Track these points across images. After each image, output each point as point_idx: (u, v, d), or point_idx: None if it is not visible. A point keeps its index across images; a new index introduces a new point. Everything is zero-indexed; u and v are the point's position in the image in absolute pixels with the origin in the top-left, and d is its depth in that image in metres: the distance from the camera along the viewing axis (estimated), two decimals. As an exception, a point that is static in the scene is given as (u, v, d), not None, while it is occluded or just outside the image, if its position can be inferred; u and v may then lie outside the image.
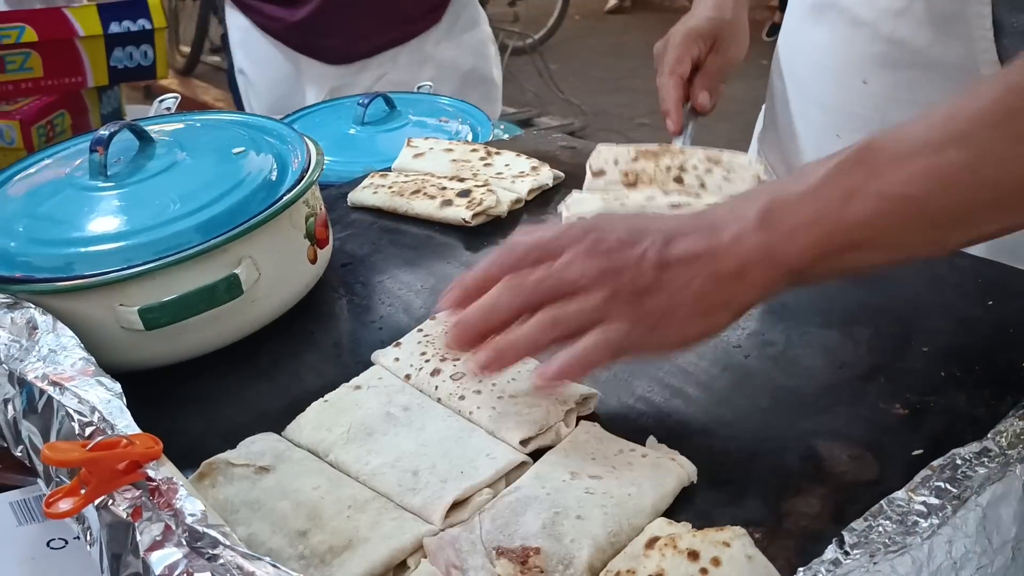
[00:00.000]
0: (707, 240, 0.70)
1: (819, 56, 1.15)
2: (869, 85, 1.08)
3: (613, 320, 0.69)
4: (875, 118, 1.08)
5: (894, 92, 1.07)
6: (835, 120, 1.14)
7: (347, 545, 0.63)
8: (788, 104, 1.25)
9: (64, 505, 0.60)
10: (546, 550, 0.60)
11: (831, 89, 1.14)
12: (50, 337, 0.75)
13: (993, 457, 0.66)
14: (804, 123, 1.20)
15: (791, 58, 1.24)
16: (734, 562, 0.59)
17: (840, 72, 1.11)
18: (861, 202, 0.67)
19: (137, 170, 0.88)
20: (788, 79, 1.25)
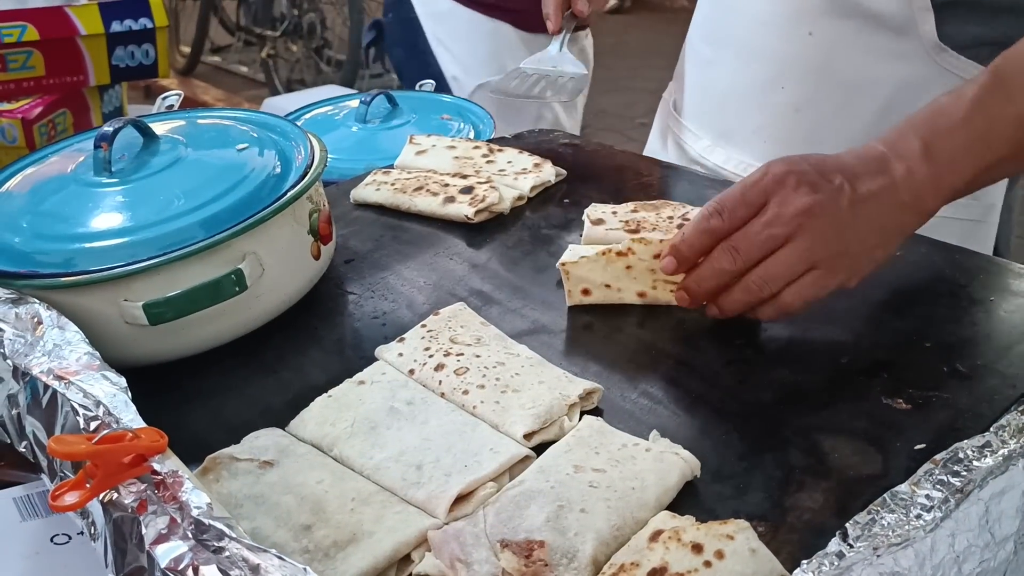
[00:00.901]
0: (883, 178, 0.83)
1: (759, 11, 1.17)
2: (814, 36, 1.12)
3: (814, 268, 0.81)
4: (820, 67, 1.13)
5: (837, 41, 1.11)
6: (778, 72, 1.17)
7: (351, 539, 0.63)
8: (717, 64, 1.26)
9: (70, 498, 0.60)
10: (550, 543, 0.61)
11: (775, 44, 1.16)
12: (55, 332, 0.75)
13: (995, 451, 0.66)
14: (743, 80, 1.21)
15: (723, 16, 1.25)
16: (738, 555, 0.59)
17: (784, 26, 1.14)
18: (1003, 126, 0.83)
19: (141, 166, 0.89)
20: (718, 39, 1.26)
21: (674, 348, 0.84)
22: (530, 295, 0.93)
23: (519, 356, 0.80)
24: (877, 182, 0.83)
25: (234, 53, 5.81)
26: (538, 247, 1.02)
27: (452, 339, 0.81)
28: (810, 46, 1.12)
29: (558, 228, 1.06)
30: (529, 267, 0.98)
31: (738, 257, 0.82)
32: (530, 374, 0.77)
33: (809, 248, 0.81)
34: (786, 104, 1.17)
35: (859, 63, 1.10)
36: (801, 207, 0.80)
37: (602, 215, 1.02)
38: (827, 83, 1.13)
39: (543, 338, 0.86)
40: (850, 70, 1.11)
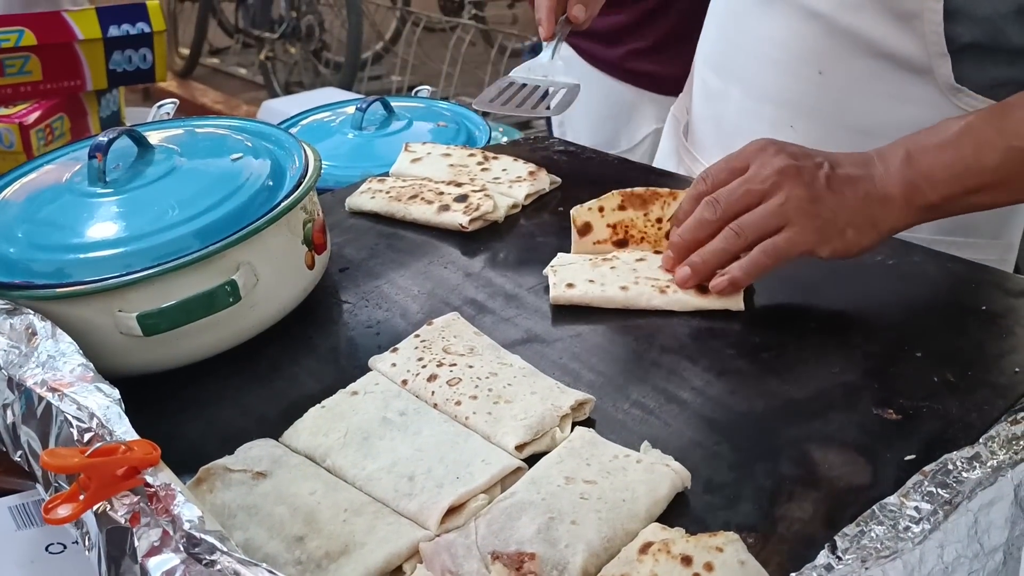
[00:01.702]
0: (863, 169, 0.89)
1: (768, 49, 1.15)
2: (825, 76, 1.10)
3: (787, 225, 0.87)
4: (831, 108, 1.11)
5: (849, 82, 1.09)
6: (789, 113, 1.14)
7: (343, 550, 0.63)
8: (726, 98, 1.23)
9: (63, 511, 0.60)
10: (541, 555, 0.61)
11: (784, 82, 1.14)
12: (49, 343, 0.75)
13: (985, 462, 0.66)
14: (752, 117, 1.19)
15: (730, 50, 1.22)
16: (727, 567, 0.59)
17: (794, 64, 1.12)
18: (991, 152, 0.86)
19: (136, 176, 0.89)
20: (726, 71, 1.23)
21: (666, 358, 0.85)
22: (524, 304, 0.94)
23: (512, 366, 0.80)
24: (855, 171, 0.90)
25: (232, 55, 5.82)
26: (533, 256, 1.02)
27: (445, 349, 0.82)
28: (821, 86, 1.10)
29: (553, 236, 1.07)
30: (523, 276, 0.99)
31: (718, 207, 0.90)
32: (522, 385, 0.77)
33: (783, 204, 0.87)
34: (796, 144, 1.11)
35: (872, 105, 1.08)
36: (778, 167, 0.88)
37: (588, 219, 1.01)
38: (838, 124, 1.10)
39: (536, 348, 0.86)
40: (863, 111, 1.09)
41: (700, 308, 0.90)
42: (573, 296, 0.92)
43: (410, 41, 4.62)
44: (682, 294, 0.91)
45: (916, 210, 0.89)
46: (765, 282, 0.94)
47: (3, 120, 1.65)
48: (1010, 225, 1.15)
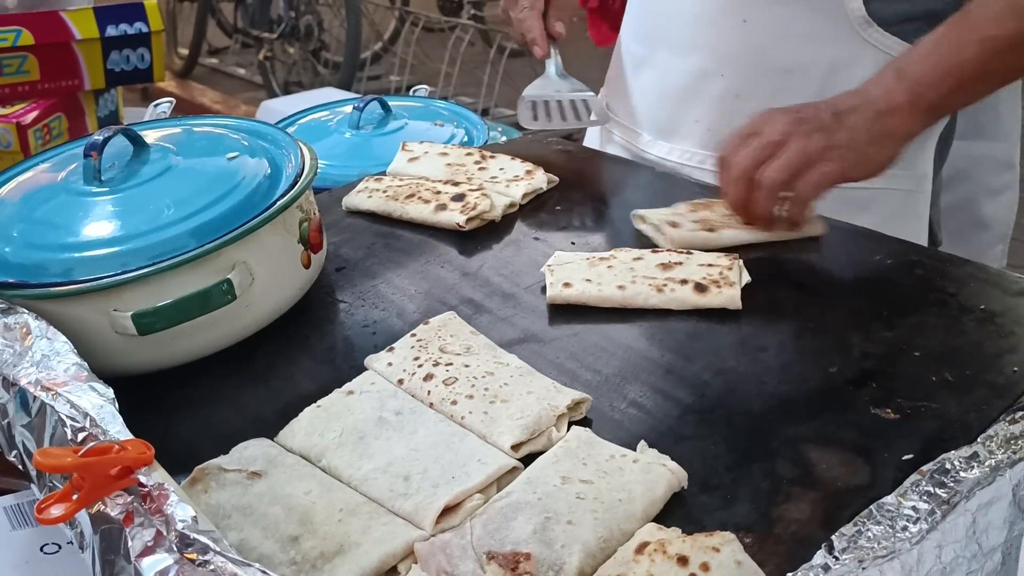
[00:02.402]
0: (860, 98, 0.99)
1: (690, 6, 1.22)
2: (749, 23, 1.17)
3: (812, 161, 0.96)
4: (756, 53, 1.19)
5: (772, 27, 1.17)
6: (717, 62, 1.22)
7: (338, 550, 0.63)
8: (652, 62, 1.30)
9: (56, 511, 0.60)
10: (536, 555, 0.61)
11: (710, 33, 1.21)
12: (43, 342, 0.75)
13: (983, 462, 0.66)
14: (680, 73, 1.26)
15: (653, 16, 1.30)
16: (723, 568, 0.59)
17: (718, 16, 1.20)
18: (968, 47, 0.97)
19: (131, 175, 0.89)
20: (651, 38, 1.30)
21: (663, 358, 0.84)
22: (521, 303, 0.93)
23: (508, 366, 0.80)
24: (854, 100, 0.99)
25: (232, 55, 5.81)
26: (530, 254, 1.02)
27: (442, 348, 0.81)
28: (746, 34, 1.18)
29: (551, 235, 1.06)
30: (520, 275, 0.98)
31: (736, 164, 0.98)
32: (519, 384, 0.77)
33: (802, 146, 0.96)
34: (726, 91, 1.22)
35: (793, 46, 1.17)
36: (787, 120, 0.98)
37: (675, 218, 1.05)
38: (764, 68, 1.19)
39: (533, 347, 0.86)
40: (785, 54, 1.17)
41: (697, 307, 0.90)
42: (570, 295, 0.91)
43: (409, 41, 4.61)
44: (679, 292, 0.91)
45: (922, 113, 0.99)
46: (762, 282, 0.94)
47: (0, 120, 1.65)
48: (921, 157, 1.21)
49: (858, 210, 1.12)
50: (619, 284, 0.92)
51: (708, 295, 0.90)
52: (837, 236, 1.04)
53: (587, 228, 1.10)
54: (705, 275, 0.92)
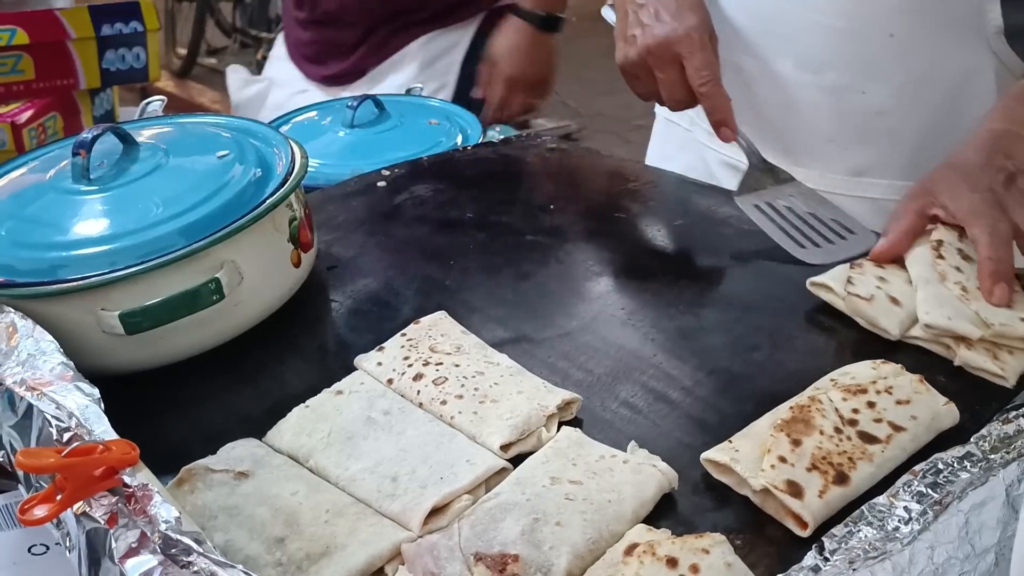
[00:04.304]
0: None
1: (823, 18, 1.14)
2: (895, 37, 1.11)
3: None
4: (899, 68, 1.13)
5: (914, 40, 1.11)
6: (855, 78, 1.15)
7: (324, 552, 0.63)
8: (769, 78, 1.22)
9: (39, 512, 0.59)
10: (524, 557, 0.60)
11: (850, 48, 1.14)
12: (29, 342, 0.74)
13: (976, 462, 0.65)
14: (810, 89, 1.19)
15: (771, 27, 1.21)
16: (713, 569, 0.58)
17: (862, 30, 1.13)
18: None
19: (120, 173, 0.88)
20: (768, 51, 1.22)
21: (656, 357, 0.84)
22: (513, 304, 0.93)
23: (499, 365, 0.79)
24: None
25: (230, 55, 5.80)
26: (522, 254, 1.02)
27: (432, 348, 0.81)
28: (892, 47, 1.12)
29: (543, 235, 1.06)
30: (512, 275, 0.98)
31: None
32: (509, 384, 0.76)
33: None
34: (868, 110, 1.15)
35: (930, 58, 1.12)
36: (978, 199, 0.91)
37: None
38: (905, 81, 1.13)
39: (524, 347, 0.85)
40: (925, 66, 1.12)
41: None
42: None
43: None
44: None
45: None
46: (759, 283, 0.93)
47: (-5, 119, 1.65)
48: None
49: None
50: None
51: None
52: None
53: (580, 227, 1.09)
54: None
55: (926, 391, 0.74)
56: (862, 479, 0.67)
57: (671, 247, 1.06)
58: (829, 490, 0.65)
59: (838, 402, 0.72)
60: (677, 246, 1.06)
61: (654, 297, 0.94)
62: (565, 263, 1.01)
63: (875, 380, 0.74)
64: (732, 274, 1.00)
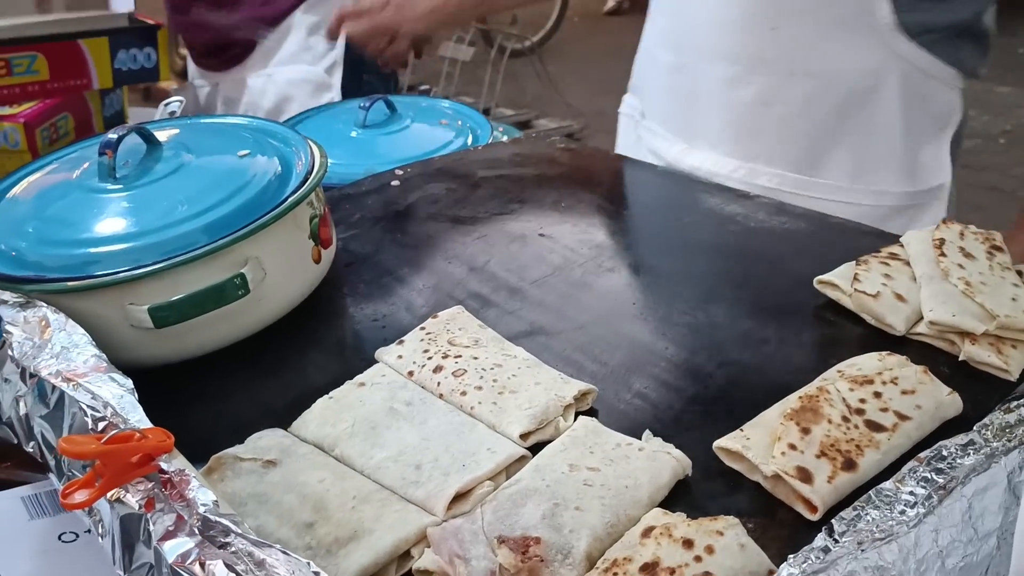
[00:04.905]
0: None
1: (720, 11, 1.23)
2: (778, 30, 1.19)
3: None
4: (785, 61, 1.20)
5: (801, 35, 1.18)
6: (745, 69, 1.23)
7: (352, 536, 0.65)
8: (682, 69, 1.32)
9: (79, 496, 0.62)
10: (546, 540, 0.62)
11: (740, 40, 1.23)
12: (62, 335, 0.76)
13: (979, 449, 0.67)
14: (709, 80, 1.27)
15: (682, 23, 1.31)
16: (727, 550, 0.61)
17: (748, 22, 1.21)
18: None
19: (145, 172, 0.90)
20: (681, 45, 1.32)
21: (667, 350, 0.86)
22: (528, 297, 0.95)
23: (516, 358, 0.81)
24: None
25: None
26: (535, 250, 1.04)
27: (450, 341, 0.83)
28: (776, 40, 1.19)
29: (554, 232, 1.08)
30: (526, 270, 1.00)
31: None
32: (526, 376, 0.79)
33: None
34: (754, 99, 1.23)
35: (821, 54, 1.18)
36: None
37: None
38: (793, 75, 1.20)
39: (540, 340, 0.88)
40: (814, 61, 1.18)
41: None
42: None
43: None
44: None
45: None
46: (766, 279, 0.95)
47: (8, 119, 1.67)
48: (942, 169, 1.25)
49: (881, 223, 1.14)
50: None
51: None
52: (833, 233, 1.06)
53: (592, 224, 1.11)
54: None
55: (930, 381, 0.76)
56: (869, 465, 0.69)
57: (680, 243, 1.08)
58: (838, 476, 0.68)
59: (845, 392, 0.74)
60: (686, 242, 1.08)
61: (665, 292, 0.97)
62: (576, 259, 1.04)
63: (881, 371, 0.77)
64: (740, 270, 1.02)
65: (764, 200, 1.14)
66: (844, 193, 1.23)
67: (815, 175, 1.23)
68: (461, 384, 0.78)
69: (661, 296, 0.96)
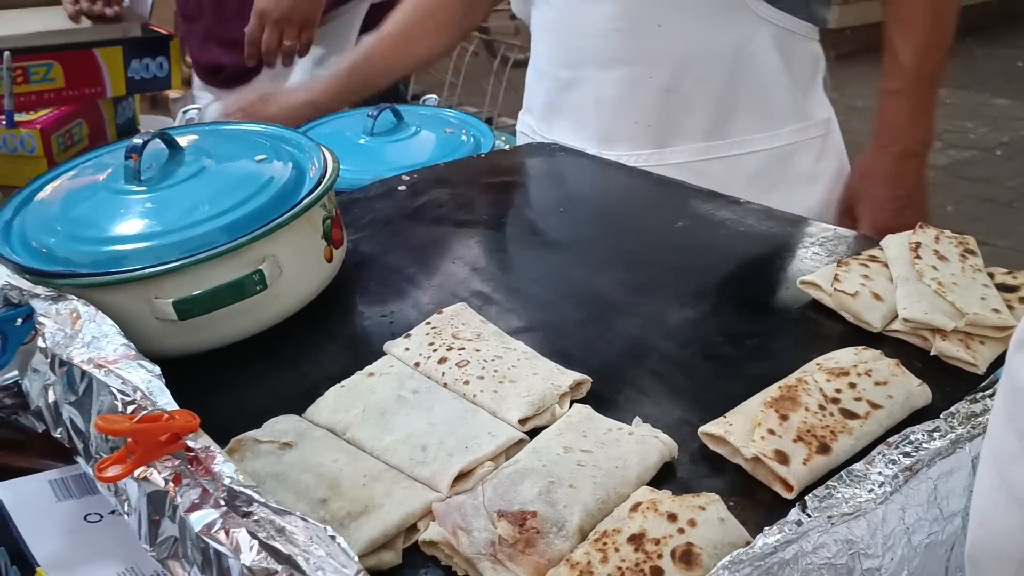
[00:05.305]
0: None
1: (607, 25, 1.38)
2: (663, 26, 1.35)
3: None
4: (674, 51, 1.37)
5: (683, 25, 1.35)
6: (644, 67, 1.39)
7: (364, 511, 0.70)
8: (582, 81, 1.45)
9: (112, 471, 0.67)
10: (542, 514, 0.68)
11: (631, 42, 1.38)
12: (92, 326, 0.81)
13: (944, 435, 0.72)
14: (612, 84, 1.42)
15: (573, 40, 1.44)
16: (708, 523, 0.66)
17: (637, 24, 1.37)
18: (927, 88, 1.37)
19: (168, 175, 0.96)
20: (576, 60, 1.45)
21: (659, 344, 0.92)
22: (527, 296, 1.01)
23: (515, 350, 0.87)
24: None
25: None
26: (535, 252, 1.09)
27: (454, 335, 0.89)
28: (663, 36, 1.35)
29: (554, 234, 1.14)
30: (526, 271, 1.06)
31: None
32: (525, 366, 0.84)
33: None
34: (658, 90, 1.39)
35: (703, 37, 1.35)
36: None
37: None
38: (684, 61, 1.36)
39: (538, 335, 0.93)
40: (698, 45, 1.35)
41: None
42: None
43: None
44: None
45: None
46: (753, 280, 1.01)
47: (26, 125, 1.72)
48: (821, 105, 1.48)
49: (787, 163, 1.43)
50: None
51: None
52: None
53: (588, 228, 1.17)
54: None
55: (902, 374, 0.82)
56: (843, 450, 0.75)
57: (673, 246, 1.13)
58: (813, 459, 0.73)
59: (822, 383, 0.80)
60: (678, 245, 1.13)
61: (658, 291, 1.02)
62: (574, 260, 1.09)
63: (856, 364, 0.82)
64: (729, 272, 1.07)
65: (753, 206, 1.20)
66: (753, 144, 1.43)
67: (725, 137, 1.42)
68: (464, 374, 0.83)
69: (653, 294, 1.01)
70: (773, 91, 1.41)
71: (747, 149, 1.42)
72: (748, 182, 1.40)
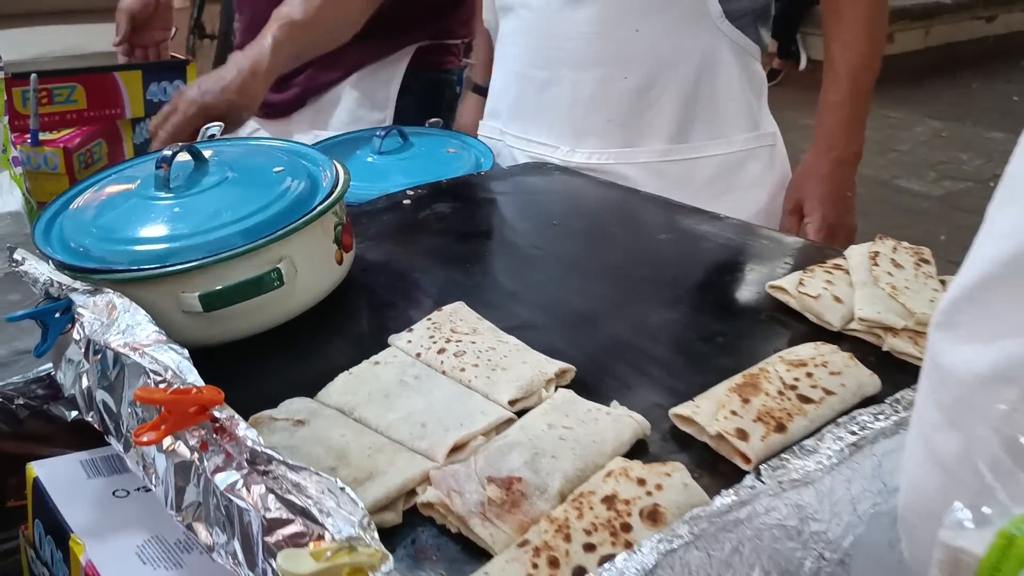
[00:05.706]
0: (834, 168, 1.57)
1: (585, 28, 1.50)
2: (640, 32, 1.47)
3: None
4: (648, 55, 1.49)
5: (657, 31, 1.48)
6: (617, 67, 1.51)
7: (368, 477, 0.78)
8: (557, 81, 1.57)
9: (148, 436, 0.75)
10: (526, 479, 0.76)
11: (608, 45, 1.50)
12: (127, 315, 0.90)
13: (888, 417, 0.81)
14: (588, 84, 1.53)
15: (552, 46, 1.55)
16: (673, 488, 0.74)
17: (615, 29, 1.49)
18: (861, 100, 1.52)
19: (194, 184, 1.05)
20: (552, 60, 1.56)
21: (639, 341, 1.00)
22: (521, 298, 1.09)
23: (508, 343, 0.96)
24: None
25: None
26: (529, 261, 1.18)
27: (452, 330, 0.97)
28: (639, 40, 1.47)
29: (547, 245, 1.23)
30: (521, 275, 1.14)
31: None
32: (516, 357, 0.93)
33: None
34: (631, 90, 1.50)
35: (674, 44, 1.48)
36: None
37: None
38: (656, 64, 1.49)
39: (530, 332, 1.01)
40: (669, 51, 1.48)
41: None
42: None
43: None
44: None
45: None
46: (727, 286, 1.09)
47: (50, 144, 1.81)
48: (766, 118, 1.62)
49: (739, 168, 1.56)
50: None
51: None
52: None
53: (580, 239, 1.26)
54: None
55: (855, 365, 0.90)
56: (797, 429, 0.83)
57: (657, 257, 1.22)
58: (770, 436, 0.82)
59: (782, 372, 0.88)
60: (662, 256, 1.22)
61: (641, 296, 1.11)
62: (565, 268, 1.18)
63: (814, 356, 0.91)
64: (706, 279, 1.16)
65: (732, 221, 1.29)
66: (709, 148, 1.54)
67: (686, 141, 1.53)
68: (461, 362, 0.92)
69: (637, 299, 1.10)
70: (731, 101, 1.54)
71: (705, 153, 1.55)
72: (704, 184, 1.53)
